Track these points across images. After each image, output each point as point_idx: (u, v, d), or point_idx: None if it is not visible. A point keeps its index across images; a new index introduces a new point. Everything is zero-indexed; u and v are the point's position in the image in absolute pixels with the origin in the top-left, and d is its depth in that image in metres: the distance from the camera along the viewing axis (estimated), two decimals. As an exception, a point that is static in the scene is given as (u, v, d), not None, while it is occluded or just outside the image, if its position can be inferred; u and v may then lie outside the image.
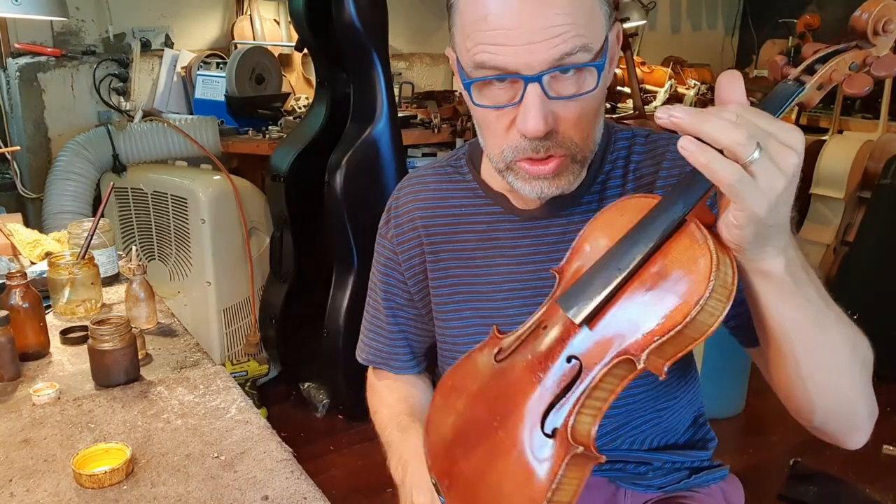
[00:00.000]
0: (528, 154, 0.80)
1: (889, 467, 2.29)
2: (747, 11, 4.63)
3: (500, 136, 0.82)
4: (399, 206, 1.02)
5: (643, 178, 0.92)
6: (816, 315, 0.69)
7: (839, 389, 0.74)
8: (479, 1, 0.76)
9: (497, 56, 0.75)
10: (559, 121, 0.78)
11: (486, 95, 0.80)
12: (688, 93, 3.71)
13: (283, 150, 2.47)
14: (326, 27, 2.33)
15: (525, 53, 0.74)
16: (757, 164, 0.57)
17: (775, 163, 0.58)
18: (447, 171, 1.01)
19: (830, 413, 0.76)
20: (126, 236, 2.57)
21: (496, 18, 0.74)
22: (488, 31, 0.75)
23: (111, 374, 1.09)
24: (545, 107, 0.76)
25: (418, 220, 1.00)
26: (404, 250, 1.01)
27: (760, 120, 0.60)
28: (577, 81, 0.77)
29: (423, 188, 1.01)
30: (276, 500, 0.83)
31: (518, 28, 0.73)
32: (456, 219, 0.98)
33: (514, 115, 0.78)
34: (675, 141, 0.93)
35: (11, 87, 2.61)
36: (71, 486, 0.85)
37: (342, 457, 2.36)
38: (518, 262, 0.93)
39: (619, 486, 1.01)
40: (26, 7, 1.73)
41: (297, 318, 2.58)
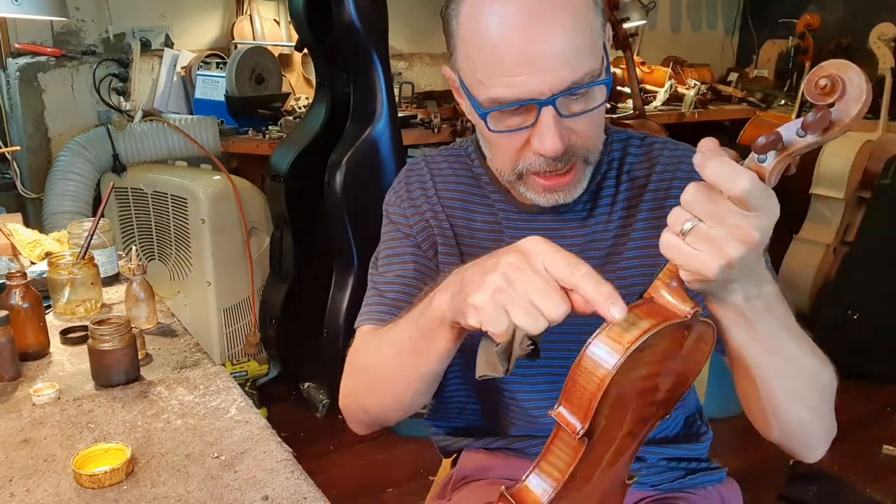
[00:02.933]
0: (544, 169, 0.83)
1: (889, 467, 2.29)
2: (747, 11, 4.63)
3: (513, 154, 0.85)
4: (412, 178, 1.03)
5: (636, 179, 0.95)
6: (776, 345, 0.73)
7: (795, 412, 0.79)
8: (483, 33, 0.78)
9: (511, 89, 0.78)
10: (572, 135, 0.82)
11: (500, 121, 0.82)
12: (688, 93, 3.71)
13: (283, 150, 2.47)
14: (326, 27, 2.33)
15: (537, 82, 0.77)
16: (691, 236, 0.62)
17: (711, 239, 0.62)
18: (458, 154, 1.04)
19: (785, 432, 0.81)
20: (126, 236, 2.57)
21: (503, 51, 0.77)
22: (498, 66, 0.77)
23: (111, 374, 1.09)
24: (560, 127, 0.79)
25: (433, 191, 1.01)
26: (416, 215, 1.00)
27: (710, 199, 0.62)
28: (586, 98, 0.81)
29: (437, 167, 1.03)
30: (276, 500, 0.83)
31: (526, 59, 0.76)
32: (466, 195, 1.00)
33: (528, 135, 0.82)
34: (669, 145, 0.95)
35: (11, 87, 2.61)
36: (71, 486, 0.85)
37: (342, 457, 2.36)
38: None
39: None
40: (26, 7, 1.73)
41: (297, 318, 2.58)
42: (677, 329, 0.65)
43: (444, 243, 0.99)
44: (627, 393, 0.67)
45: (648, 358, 0.66)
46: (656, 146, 0.96)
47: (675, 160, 0.94)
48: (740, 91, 4.11)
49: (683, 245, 0.63)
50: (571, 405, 0.67)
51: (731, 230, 0.61)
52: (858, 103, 0.61)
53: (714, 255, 0.62)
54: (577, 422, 0.67)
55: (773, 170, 0.63)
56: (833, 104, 0.61)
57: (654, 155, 0.96)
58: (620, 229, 0.94)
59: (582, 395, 0.66)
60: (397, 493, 2.19)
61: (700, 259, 0.62)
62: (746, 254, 0.61)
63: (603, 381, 0.64)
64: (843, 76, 0.61)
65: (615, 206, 0.94)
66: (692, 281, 0.65)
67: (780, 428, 0.80)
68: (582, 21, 0.78)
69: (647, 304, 0.67)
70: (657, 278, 0.68)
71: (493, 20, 0.77)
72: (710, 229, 0.62)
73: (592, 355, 0.65)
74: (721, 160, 0.61)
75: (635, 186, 0.94)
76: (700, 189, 0.62)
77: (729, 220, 0.61)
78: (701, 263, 0.62)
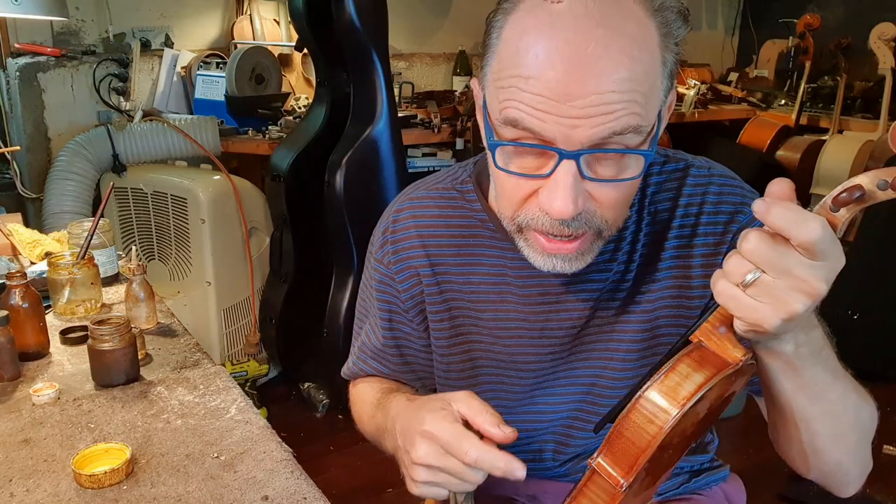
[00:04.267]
0: (546, 229, 0.72)
1: (889, 467, 2.29)
2: (747, 11, 4.63)
3: (517, 202, 0.73)
4: (397, 231, 0.93)
5: (659, 213, 0.85)
6: (821, 391, 0.70)
7: (836, 454, 0.76)
8: (523, 53, 0.66)
9: (533, 120, 0.65)
10: (592, 200, 0.70)
11: (511, 160, 0.71)
12: (688, 93, 3.71)
13: (283, 150, 2.47)
14: (326, 27, 2.33)
15: (567, 127, 0.64)
16: (752, 288, 0.59)
17: (775, 292, 0.58)
18: (451, 194, 0.92)
19: (824, 472, 0.78)
20: (126, 236, 2.57)
21: (539, 80, 0.64)
22: (527, 93, 0.65)
23: (111, 374, 1.09)
24: (577, 187, 0.67)
25: (419, 248, 0.92)
26: (404, 279, 0.93)
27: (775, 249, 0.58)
28: (618, 163, 0.69)
29: (425, 213, 0.92)
30: (276, 500, 0.83)
31: (564, 97, 0.64)
32: (461, 249, 0.90)
33: (539, 185, 0.70)
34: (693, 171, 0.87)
35: (11, 87, 2.61)
36: (71, 486, 0.85)
37: (342, 457, 2.36)
38: (526, 304, 0.89)
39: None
40: (26, 7, 1.73)
41: (297, 318, 2.58)
42: (728, 376, 0.63)
43: (435, 309, 0.92)
44: (672, 440, 0.64)
45: (698, 407, 0.63)
46: (678, 172, 0.86)
47: (701, 188, 0.85)
48: (740, 91, 4.11)
49: (744, 297, 0.59)
50: (615, 458, 0.63)
51: (797, 283, 0.57)
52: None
53: (777, 308, 0.58)
54: (619, 476, 0.63)
55: (846, 220, 0.60)
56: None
57: (677, 182, 0.85)
58: (644, 267, 0.85)
59: (628, 450, 0.62)
60: (397, 493, 2.18)
61: (761, 312, 0.58)
62: (810, 306, 0.58)
63: (655, 437, 0.60)
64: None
65: (637, 244, 0.85)
66: (747, 331, 0.61)
67: (819, 468, 0.77)
68: (641, 72, 0.65)
69: (698, 352, 0.63)
70: (706, 321, 0.63)
71: (540, 41, 0.65)
72: (774, 281, 0.58)
73: (644, 409, 0.61)
74: (788, 205, 0.57)
75: (658, 221, 0.85)
76: (763, 237, 0.57)
77: (796, 271, 0.57)
78: (761, 316, 0.58)
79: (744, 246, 0.58)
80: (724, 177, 0.86)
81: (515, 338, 0.90)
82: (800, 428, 0.73)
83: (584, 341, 0.89)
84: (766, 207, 0.57)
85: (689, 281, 0.85)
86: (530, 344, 0.90)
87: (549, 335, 0.89)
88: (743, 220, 0.83)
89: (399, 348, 0.99)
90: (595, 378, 0.90)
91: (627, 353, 0.87)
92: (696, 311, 0.85)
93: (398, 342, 0.99)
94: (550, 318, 0.88)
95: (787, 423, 0.73)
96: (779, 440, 0.79)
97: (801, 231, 0.56)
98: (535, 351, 0.90)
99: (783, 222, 0.56)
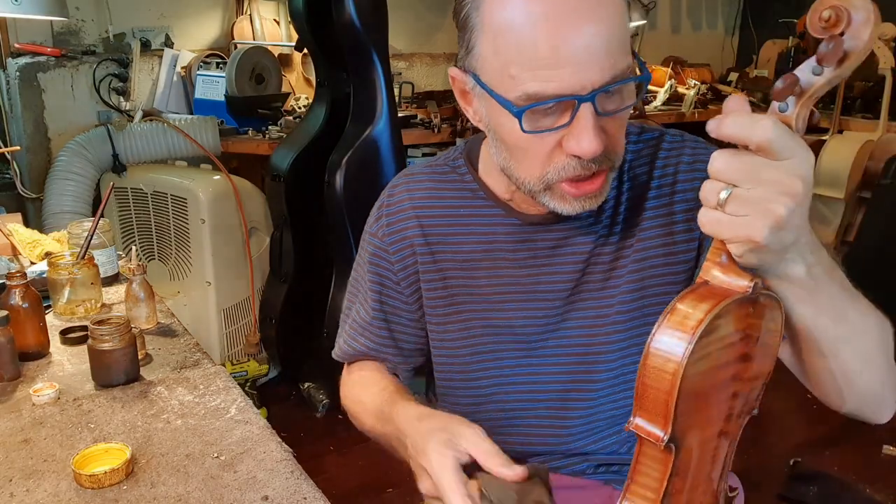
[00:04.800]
0: (576, 173, 0.77)
1: (889, 467, 2.29)
2: (747, 11, 4.63)
3: (543, 159, 0.78)
4: (392, 205, 0.98)
5: (638, 177, 0.91)
6: (841, 311, 0.69)
7: (867, 377, 0.74)
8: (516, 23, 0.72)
9: (549, 83, 0.71)
10: (606, 136, 0.76)
11: (534, 122, 0.76)
12: (688, 93, 3.71)
13: (283, 150, 2.47)
14: (326, 27, 2.33)
15: (578, 76, 0.71)
16: (730, 204, 0.59)
17: (752, 200, 0.58)
18: (444, 170, 0.97)
19: (859, 401, 0.76)
20: (126, 236, 2.57)
21: (541, 42, 0.71)
22: (535, 58, 0.71)
23: (111, 374, 1.09)
24: (598, 125, 0.74)
25: (413, 219, 0.96)
26: (398, 250, 0.97)
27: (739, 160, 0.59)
28: (621, 95, 0.76)
29: (419, 186, 0.98)
30: (276, 500, 0.83)
31: (567, 50, 0.70)
32: (454, 219, 0.95)
33: (560, 136, 0.76)
34: (667, 137, 0.92)
35: (11, 87, 2.61)
36: (71, 486, 0.85)
37: (342, 457, 2.36)
38: (518, 266, 0.93)
39: (616, 489, 1.01)
40: (26, 7, 1.73)
41: (297, 318, 2.58)
42: (741, 306, 0.61)
43: (429, 279, 0.96)
44: (706, 386, 0.62)
45: (718, 343, 0.60)
46: (653, 140, 0.93)
47: (676, 152, 0.91)
48: (740, 91, 4.11)
49: (724, 216, 0.59)
50: (647, 412, 0.62)
51: (771, 185, 0.57)
52: (868, 25, 0.56)
53: (760, 216, 0.57)
54: (658, 429, 0.61)
55: (798, 116, 0.59)
56: (843, 33, 0.57)
57: (652, 149, 0.92)
58: (628, 230, 0.91)
59: (656, 398, 0.61)
60: (397, 493, 2.18)
61: (746, 225, 0.58)
62: (794, 208, 0.57)
63: (675, 375, 0.59)
64: (843, 3, 0.57)
65: (619, 206, 0.91)
66: (744, 253, 0.60)
67: (854, 398, 0.76)
68: (617, 16, 0.73)
69: (703, 288, 0.62)
70: (706, 259, 0.63)
71: (527, 8, 0.71)
72: (748, 191, 0.58)
73: (657, 350, 0.60)
74: (736, 114, 0.58)
75: (638, 185, 0.91)
76: (725, 153, 0.59)
77: (765, 175, 0.57)
78: (749, 229, 0.58)
79: (711, 167, 0.60)
80: (698, 140, 0.92)
81: (509, 302, 0.93)
82: (828, 357, 0.71)
83: (575, 307, 0.92)
84: (718, 122, 0.59)
85: (672, 237, 0.89)
86: (523, 307, 0.93)
87: (540, 297, 0.92)
88: None
89: (387, 322, 1.01)
90: (588, 343, 0.93)
91: (618, 314, 0.91)
92: (682, 268, 0.89)
93: (387, 316, 1.01)
94: (541, 281, 0.92)
95: (815, 354, 0.72)
96: (810, 379, 0.77)
97: (754, 132, 0.57)
98: (527, 314, 0.93)
99: (734, 129, 0.58)
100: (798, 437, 2.44)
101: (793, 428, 2.46)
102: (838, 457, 2.33)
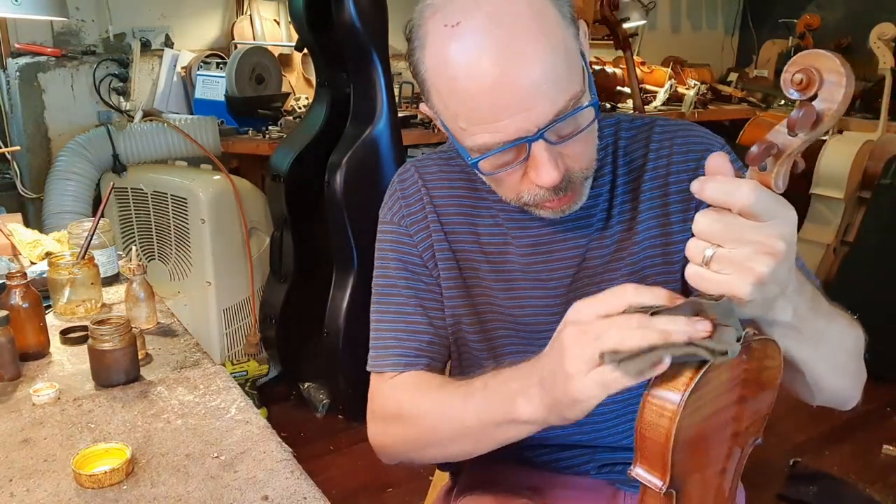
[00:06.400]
0: (548, 198, 0.81)
1: (889, 467, 2.29)
2: (747, 11, 4.63)
3: (514, 186, 0.81)
4: (406, 188, 0.98)
5: (634, 161, 0.93)
6: (821, 336, 0.73)
7: (838, 382, 0.80)
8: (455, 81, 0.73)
9: (497, 134, 0.74)
10: (568, 159, 0.78)
11: (493, 163, 0.79)
12: (688, 93, 3.71)
13: (283, 150, 2.47)
14: (326, 27, 2.33)
15: (521, 121, 0.72)
16: (714, 263, 0.61)
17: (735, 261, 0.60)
18: (450, 155, 0.99)
19: (828, 398, 0.82)
20: (126, 236, 2.57)
21: (480, 98, 0.72)
22: (478, 113, 0.73)
23: (111, 374, 1.09)
24: (553, 156, 0.75)
25: (427, 198, 0.96)
26: (417, 231, 0.96)
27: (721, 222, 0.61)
28: (575, 119, 0.76)
29: (428, 170, 0.98)
30: (276, 500, 0.83)
31: (504, 102, 0.71)
32: (464, 200, 0.96)
33: (524, 167, 0.78)
34: (660, 121, 0.95)
35: (11, 87, 2.61)
36: (71, 486, 0.85)
37: (342, 457, 2.36)
38: (522, 252, 0.94)
39: (619, 489, 1.01)
40: (26, 7, 1.73)
41: (297, 318, 2.58)
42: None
43: (444, 258, 0.96)
44: (703, 432, 0.65)
45: (712, 393, 0.63)
46: (645, 127, 0.94)
47: (669, 136, 0.93)
48: (740, 91, 4.11)
49: (709, 273, 0.61)
50: (647, 462, 0.65)
51: (753, 247, 0.59)
52: (840, 87, 0.58)
53: (742, 275, 0.60)
54: (656, 479, 0.65)
55: (777, 174, 0.61)
56: (815, 95, 0.59)
57: (646, 134, 0.93)
58: (625, 214, 0.92)
59: (653, 449, 0.64)
60: (397, 493, 2.19)
61: (728, 283, 0.60)
62: (776, 267, 0.59)
63: (669, 429, 0.62)
64: (815, 66, 0.58)
65: (615, 190, 0.92)
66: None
67: (825, 396, 0.81)
68: (554, 43, 0.72)
69: None
70: None
71: (462, 66, 0.72)
72: (731, 252, 0.60)
73: (652, 404, 0.63)
74: (719, 178, 0.60)
75: (633, 169, 0.92)
76: (708, 214, 0.61)
77: (747, 236, 0.59)
78: (732, 286, 0.60)
79: (695, 227, 0.62)
80: (690, 126, 0.94)
81: (516, 290, 0.94)
82: (804, 372, 0.76)
83: (578, 293, 0.92)
84: (701, 185, 0.61)
85: (668, 218, 0.91)
86: (529, 296, 0.94)
87: (543, 285, 0.93)
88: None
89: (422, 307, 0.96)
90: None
91: None
92: (678, 248, 0.90)
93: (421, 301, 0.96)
94: (543, 268, 0.93)
95: (792, 371, 0.75)
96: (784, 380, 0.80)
97: (736, 198, 0.59)
98: (534, 303, 0.94)
99: (717, 194, 0.60)
100: (798, 437, 2.44)
101: (793, 428, 2.46)
102: (838, 457, 2.33)
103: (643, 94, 3.59)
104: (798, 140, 0.60)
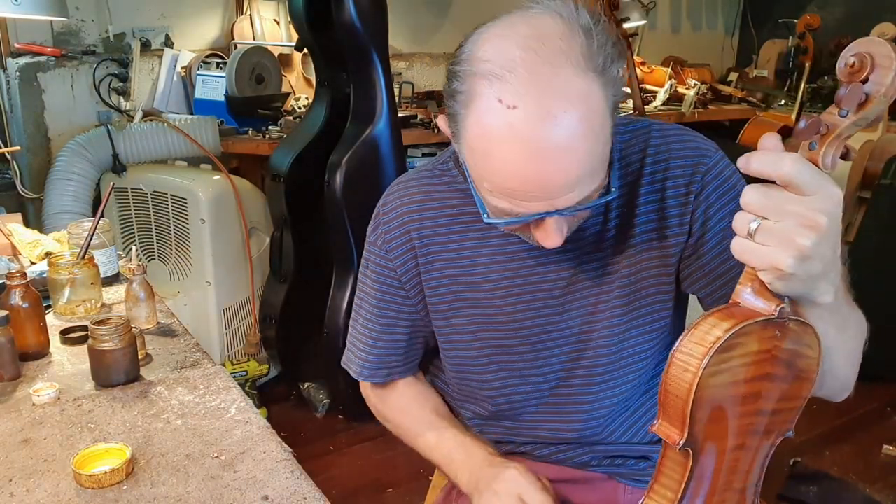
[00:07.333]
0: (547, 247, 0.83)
1: (889, 467, 2.29)
2: (747, 11, 4.63)
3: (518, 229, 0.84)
4: (388, 213, 1.00)
5: (631, 164, 0.93)
6: (846, 323, 0.74)
7: (849, 371, 0.80)
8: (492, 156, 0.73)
9: (519, 207, 0.75)
10: (573, 221, 0.82)
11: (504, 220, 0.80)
12: (688, 93, 3.71)
13: (283, 150, 2.47)
14: (326, 27, 2.33)
15: (547, 206, 0.74)
16: (758, 235, 0.63)
17: (777, 232, 0.62)
18: (434, 173, 0.99)
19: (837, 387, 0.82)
20: (126, 236, 2.57)
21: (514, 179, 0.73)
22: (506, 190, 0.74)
23: (111, 374, 1.09)
24: (562, 224, 0.78)
25: (409, 223, 0.98)
26: (397, 255, 0.98)
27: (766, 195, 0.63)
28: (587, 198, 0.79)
29: (412, 191, 0.99)
30: (276, 500, 0.83)
31: (536, 189, 0.73)
32: (447, 219, 0.97)
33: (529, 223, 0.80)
34: (656, 125, 0.95)
35: (11, 87, 2.61)
36: (71, 486, 0.85)
37: (342, 457, 2.36)
38: (512, 259, 0.94)
39: (619, 483, 1.02)
40: (26, 7, 1.73)
41: (297, 318, 2.58)
42: (765, 328, 0.65)
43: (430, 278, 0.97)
44: (725, 399, 0.67)
45: (739, 360, 0.66)
46: (642, 129, 0.94)
47: (666, 140, 0.93)
48: (740, 91, 4.11)
49: (753, 245, 0.63)
50: (667, 416, 0.68)
51: (795, 219, 0.61)
52: (890, 71, 0.61)
53: (785, 247, 0.61)
54: (675, 432, 0.67)
55: (825, 154, 0.63)
56: (867, 79, 0.62)
57: (643, 137, 0.93)
58: (622, 218, 0.92)
59: (675, 404, 0.67)
60: (397, 493, 2.19)
61: (772, 255, 0.62)
62: (818, 241, 0.61)
63: (691, 384, 0.64)
64: (869, 50, 0.61)
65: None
66: (773, 281, 0.64)
67: (831, 386, 0.81)
68: (597, 143, 0.73)
69: (731, 308, 0.67)
70: (738, 283, 0.68)
71: (505, 150, 0.71)
72: (774, 223, 0.62)
73: (678, 360, 0.66)
74: (764, 151, 0.63)
75: (630, 172, 0.92)
76: (755, 188, 0.63)
77: (790, 208, 0.61)
78: (774, 259, 0.62)
79: (742, 200, 0.64)
80: (686, 131, 0.94)
81: (509, 296, 0.95)
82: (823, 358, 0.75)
83: (576, 295, 0.94)
84: (747, 159, 0.63)
85: (665, 221, 0.91)
86: (522, 301, 0.94)
87: (539, 289, 0.94)
88: (708, 162, 0.90)
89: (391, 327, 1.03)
90: (590, 330, 0.94)
91: (617, 299, 0.92)
92: (674, 251, 0.91)
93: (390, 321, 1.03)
94: (539, 272, 0.93)
95: None
96: None
97: (777, 168, 0.61)
98: (528, 307, 0.95)
99: (760, 166, 0.62)
100: (798, 436, 2.43)
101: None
102: (838, 457, 2.33)
103: (643, 94, 3.58)
104: (846, 121, 0.63)
